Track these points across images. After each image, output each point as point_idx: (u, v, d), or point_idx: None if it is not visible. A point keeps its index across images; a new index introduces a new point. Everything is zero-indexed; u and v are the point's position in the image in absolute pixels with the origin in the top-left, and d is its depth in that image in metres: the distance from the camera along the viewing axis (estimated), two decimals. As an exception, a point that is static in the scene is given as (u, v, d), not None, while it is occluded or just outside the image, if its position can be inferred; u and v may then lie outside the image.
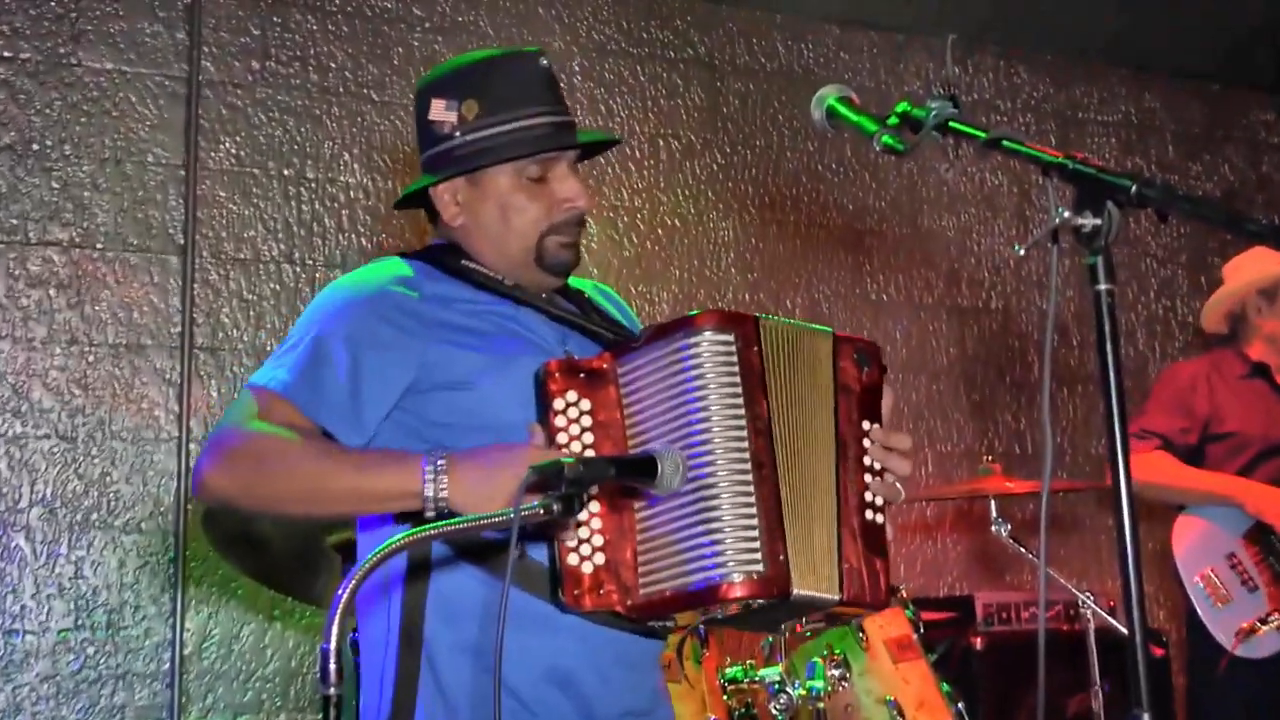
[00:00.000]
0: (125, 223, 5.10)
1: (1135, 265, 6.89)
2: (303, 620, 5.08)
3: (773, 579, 2.22)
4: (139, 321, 5.06)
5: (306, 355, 2.44)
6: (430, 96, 2.60)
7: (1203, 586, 4.53)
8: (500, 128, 2.54)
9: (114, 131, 5.13)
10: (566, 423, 2.35)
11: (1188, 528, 4.62)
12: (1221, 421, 4.68)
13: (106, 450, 4.96)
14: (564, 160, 2.59)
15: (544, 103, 2.58)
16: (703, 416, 2.26)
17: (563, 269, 2.61)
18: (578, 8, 5.96)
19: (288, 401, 2.41)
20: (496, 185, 2.57)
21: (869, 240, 6.38)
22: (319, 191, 5.38)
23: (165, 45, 5.25)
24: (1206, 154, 7.23)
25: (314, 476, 2.34)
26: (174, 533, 4.98)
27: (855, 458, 2.41)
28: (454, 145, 2.56)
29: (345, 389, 2.42)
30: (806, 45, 6.40)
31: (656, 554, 2.28)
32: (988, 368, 6.50)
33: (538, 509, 2.05)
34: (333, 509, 2.42)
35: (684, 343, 2.30)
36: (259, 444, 2.36)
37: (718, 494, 2.23)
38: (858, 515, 2.38)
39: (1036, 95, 6.88)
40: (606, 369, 2.38)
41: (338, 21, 5.53)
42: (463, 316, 2.51)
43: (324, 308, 2.52)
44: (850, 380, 2.44)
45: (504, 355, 2.46)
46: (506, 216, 2.56)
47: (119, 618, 4.89)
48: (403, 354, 2.44)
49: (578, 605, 2.30)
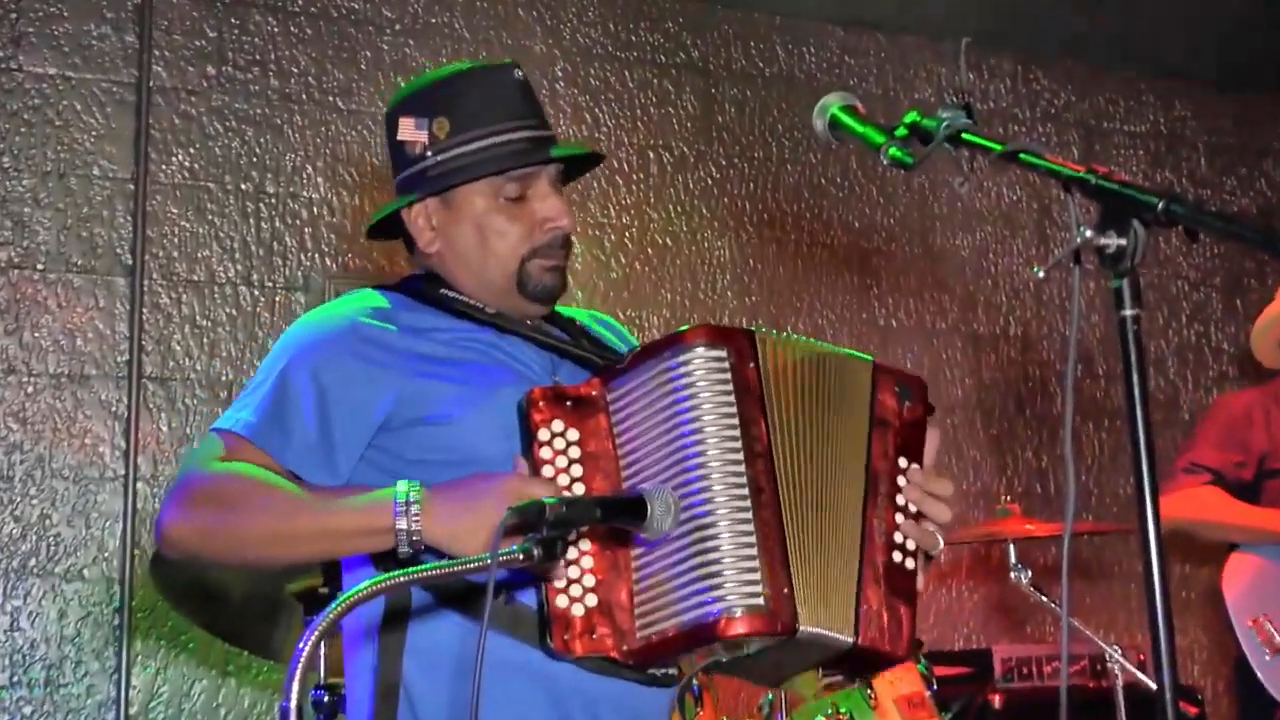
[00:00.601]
0: (68, 241, 5.10)
1: (1166, 288, 6.91)
2: (259, 676, 5.06)
3: (777, 613, 2.21)
4: (83, 349, 5.06)
5: (272, 396, 2.46)
6: (399, 116, 2.63)
7: (1255, 633, 4.51)
8: (473, 145, 2.56)
9: (57, 142, 5.14)
10: (553, 454, 2.34)
11: (1241, 568, 4.61)
12: (1277, 456, 4.69)
13: (46, 490, 4.95)
14: (544, 177, 2.60)
15: (519, 116, 2.59)
16: (696, 440, 2.25)
17: (547, 295, 2.62)
18: (560, 9, 5.98)
19: (254, 446, 2.43)
20: (472, 207, 2.58)
21: (876, 261, 6.40)
22: (279, 208, 5.39)
23: (113, 49, 5.26)
24: (1242, 167, 7.26)
25: (278, 516, 2.35)
26: (119, 580, 4.96)
27: (887, 495, 2.41)
28: (425, 166, 2.58)
29: (314, 431, 2.43)
30: (808, 49, 6.42)
31: (653, 593, 2.27)
32: (1006, 399, 6.51)
33: (517, 554, 2.04)
34: (300, 551, 2.41)
35: (674, 361, 2.30)
36: (219, 485, 2.38)
37: (715, 523, 2.22)
38: (883, 555, 2.38)
39: (1058, 104, 6.91)
40: (595, 395, 2.38)
41: (300, 23, 5.54)
42: (441, 347, 2.52)
43: (291, 344, 2.54)
44: (889, 414, 2.44)
45: (485, 385, 2.47)
46: (485, 240, 2.58)
47: (59, 674, 4.87)
48: (374, 390, 2.45)
49: (568, 651, 2.28)
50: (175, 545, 2.41)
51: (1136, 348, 1.80)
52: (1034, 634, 6.25)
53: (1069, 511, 1.94)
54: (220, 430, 2.47)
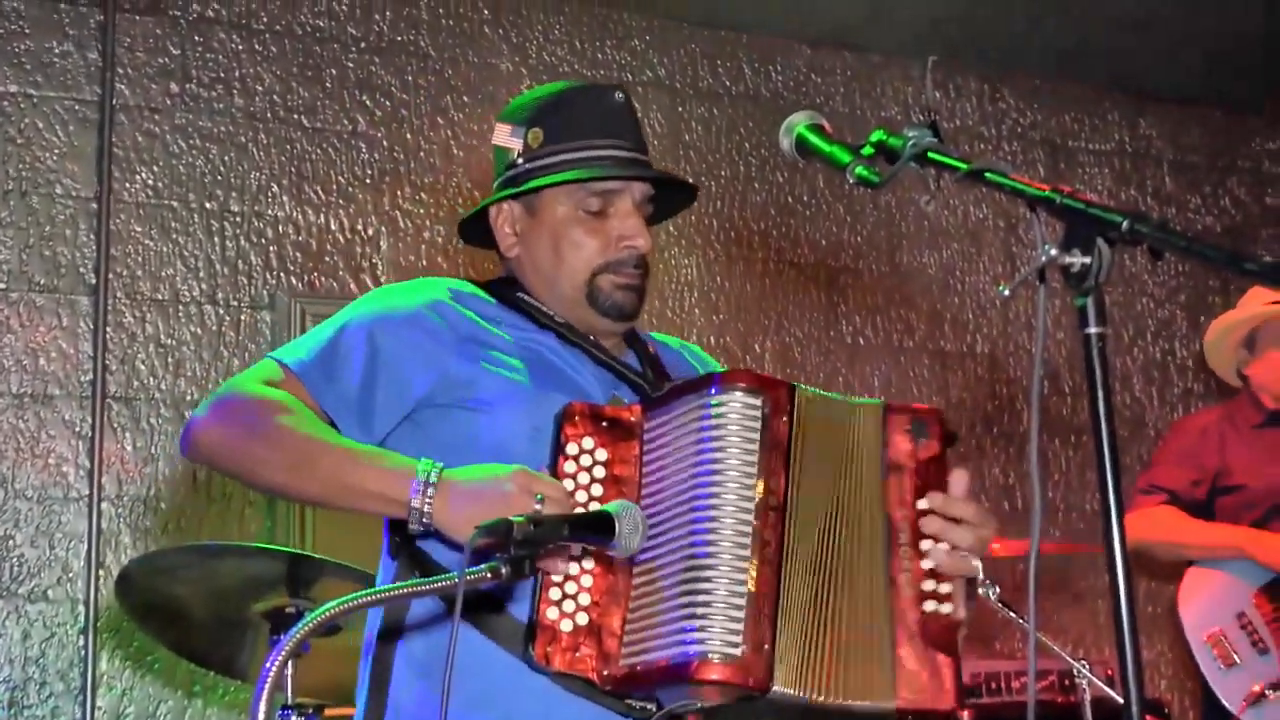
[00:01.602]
0: (31, 260, 5.09)
1: (1131, 305, 6.95)
2: (226, 696, 5.05)
3: (750, 666, 2.18)
4: (45, 369, 5.04)
5: (328, 342, 2.54)
6: (499, 123, 2.69)
7: (1210, 647, 4.56)
8: (563, 155, 2.60)
9: (18, 160, 5.12)
10: (576, 469, 2.35)
11: (1195, 584, 4.65)
12: (1230, 474, 4.73)
13: (9, 511, 4.93)
14: (628, 196, 2.62)
15: (615, 135, 2.64)
16: (713, 482, 2.25)
17: (618, 312, 2.63)
18: (527, 27, 6.00)
19: (299, 381, 2.50)
20: (553, 215, 2.62)
21: (844, 279, 6.42)
22: (244, 226, 5.38)
23: (75, 66, 5.25)
24: (1207, 185, 7.31)
25: (304, 448, 2.40)
26: (84, 601, 4.95)
27: (910, 543, 2.35)
28: (516, 172, 2.64)
29: (358, 385, 2.50)
30: (775, 67, 6.45)
31: (643, 624, 2.27)
32: (973, 417, 6.54)
33: (484, 572, 2.05)
34: (313, 490, 2.44)
35: (709, 401, 2.29)
36: (258, 403, 2.45)
37: (712, 567, 2.21)
38: (913, 609, 2.33)
39: (1024, 122, 6.95)
40: (634, 421, 2.39)
41: (265, 41, 5.54)
42: (501, 340, 2.56)
43: (361, 303, 2.62)
44: (902, 456, 2.39)
45: (533, 387, 2.50)
46: (559, 249, 2.61)
47: (22, 696, 4.84)
48: (425, 361, 2.50)
49: (546, 663, 2.28)
50: (199, 448, 2.49)
51: (1102, 365, 1.81)
52: (1003, 650, 6.26)
53: (1035, 528, 1.95)
54: (274, 359, 2.55)
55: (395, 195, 5.62)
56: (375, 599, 2.07)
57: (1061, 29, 6.52)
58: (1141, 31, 6.51)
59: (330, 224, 5.46)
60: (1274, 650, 4.53)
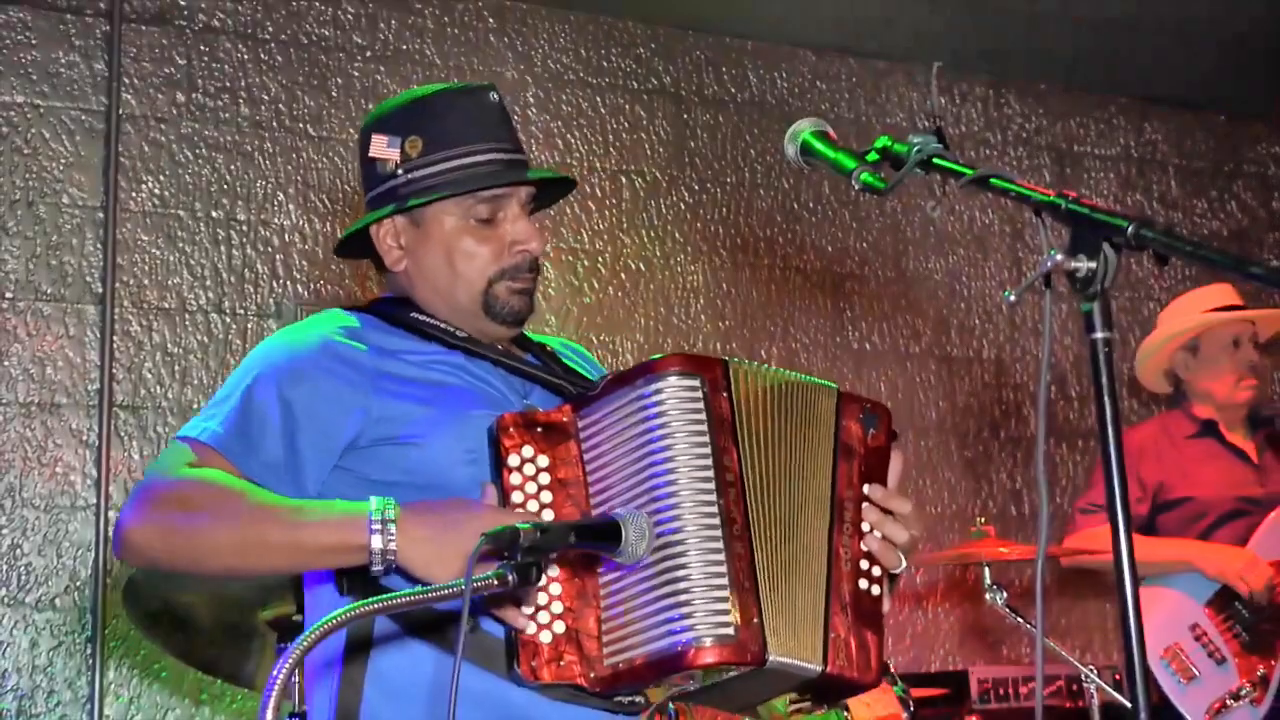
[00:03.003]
0: (38, 270, 5.09)
1: (1137, 311, 6.95)
2: (233, 704, 5.04)
3: (746, 643, 2.21)
4: (53, 378, 5.05)
5: (239, 408, 2.44)
6: (372, 133, 2.62)
7: (1168, 663, 4.56)
8: (445, 164, 2.56)
9: (25, 170, 5.13)
10: (522, 480, 2.34)
11: (1148, 601, 4.63)
12: (1172, 488, 4.75)
13: (16, 519, 4.93)
14: (515, 200, 2.60)
15: (493, 139, 2.60)
16: (668, 469, 2.25)
17: (514, 318, 2.62)
18: (532, 35, 6.00)
19: (220, 455, 2.41)
20: (441, 227, 2.58)
21: (850, 285, 6.42)
22: (250, 235, 5.39)
23: (82, 76, 5.26)
24: (1213, 190, 7.30)
25: (247, 524, 2.31)
26: (91, 609, 4.95)
27: (853, 522, 2.41)
28: (396, 184, 2.58)
29: (281, 446, 2.42)
30: (780, 74, 6.45)
31: (621, 621, 2.27)
32: (980, 422, 6.53)
33: (491, 579, 2.04)
34: (267, 563, 2.36)
35: (646, 389, 2.30)
36: (186, 489, 2.35)
37: (685, 552, 2.22)
38: (849, 583, 2.38)
39: (1029, 128, 6.95)
40: (566, 422, 2.38)
41: (270, 50, 5.55)
42: (411, 368, 2.51)
43: (260, 359, 2.53)
44: (854, 441, 2.45)
45: (455, 409, 2.47)
46: (452, 261, 2.57)
47: (30, 704, 4.85)
48: (342, 409, 2.44)
49: (535, 678, 2.28)
50: (134, 550, 2.37)
51: (1108, 370, 1.82)
52: (1010, 655, 6.26)
53: (1042, 533, 1.96)
54: (186, 438, 2.44)
55: (401, 203, 5.62)
56: (381, 607, 2.06)
57: (1066, 34, 6.51)
58: (1147, 36, 6.51)
59: (336, 232, 5.46)
60: (1230, 659, 4.54)
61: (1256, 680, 4.52)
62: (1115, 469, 1.80)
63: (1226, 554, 4.59)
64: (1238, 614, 4.56)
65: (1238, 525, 4.70)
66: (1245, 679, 4.51)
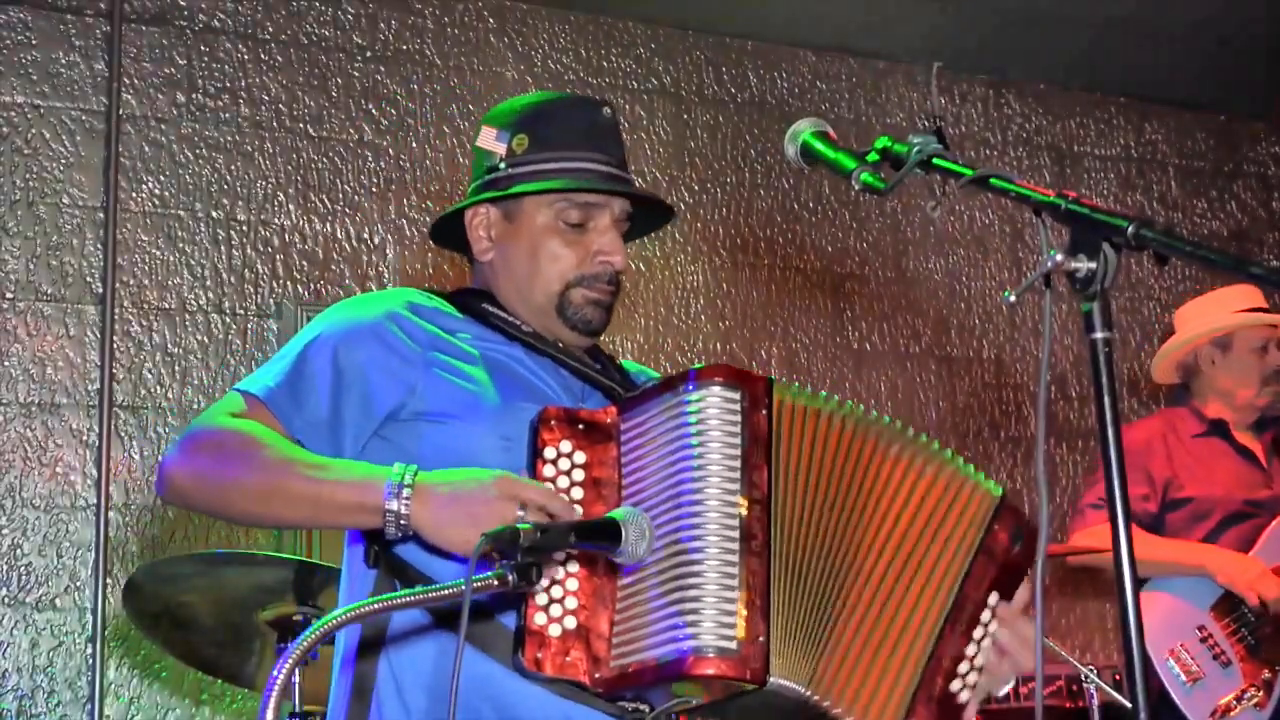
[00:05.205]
0: (38, 270, 5.09)
1: (1137, 311, 6.95)
2: (234, 704, 5.05)
3: (746, 659, 2.17)
4: (53, 378, 5.05)
5: (293, 367, 2.52)
6: (485, 126, 2.68)
7: (1174, 664, 4.55)
8: (546, 164, 2.60)
9: (26, 171, 5.13)
10: (555, 473, 2.35)
11: (1154, 602, 4.62)
12: (1180, 486, 4.73)
13: (17, 519, 4.93)
14: (608, 212, 2.62)
15: (598, 150, 2.63)
16: (697, 476, 2.24)
17: (586, 327, 2.64)
18: (532, 35, 6.00)
19: (267, 409, 2.48)
20: (532, 222, 2.61)
21: (850, 285, 6.42)
22: (250, 235, 5.39)
23: (82, 77, 5.26)
24: (1213, 190, 7.30)
25: (273, 472, 2.37)
26: (92, 610, 4.95)
27: (968, 623, 2.39)
28: (498, 176, 2.63)
29: (326, 406, 2.48)
30: (780, 74, 6.45)
31: (632, 624, 2.26)
32: (980, 422, 6.53)
33: (491, 579, 2.04)
34: (288, 513, 2.42)
35: (687, 397, 2.29)
36: (224, 435, 2.44)
37: (701, 560, 2.20)
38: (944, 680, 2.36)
39: (1029, 128, 6.95)
40: (610, 423, 2.38)
41: (270, 50, 5.55)
42: (467, 352, 2.55)
43: (324, 321, 2.60)
44: (998, 548, 2.43)
45: (500, 397, 2.49)
46: (536, 258, 2.61)
47: (31, 704, 4.85)
48: (390, 378, 2.49)
49: (537, 669, 2.27)
50: (171, 489, 2.47)
51: (1108, 370, 1.81)
52: (1010, 657, 6.25)
53: (1042, 533, 1.96)
54: (240, 390, 2.53)
55: (401, 203, 5.63)
56: (381, 607, 2.07)
57: (1066, 34, 6.51)
58: (1147, 36, 6.51)
59: (336, 232, 5.47)
60: (1236, 663, 4.53)
61: (1260, 684, 4.52)
62: (1115, 469, 1.79)
63: (1237, 562, 4.57)
64: (1243, 618, 4.56)
65: (1244, 528, 4.69)
66: (1250, 683, 4.50)
